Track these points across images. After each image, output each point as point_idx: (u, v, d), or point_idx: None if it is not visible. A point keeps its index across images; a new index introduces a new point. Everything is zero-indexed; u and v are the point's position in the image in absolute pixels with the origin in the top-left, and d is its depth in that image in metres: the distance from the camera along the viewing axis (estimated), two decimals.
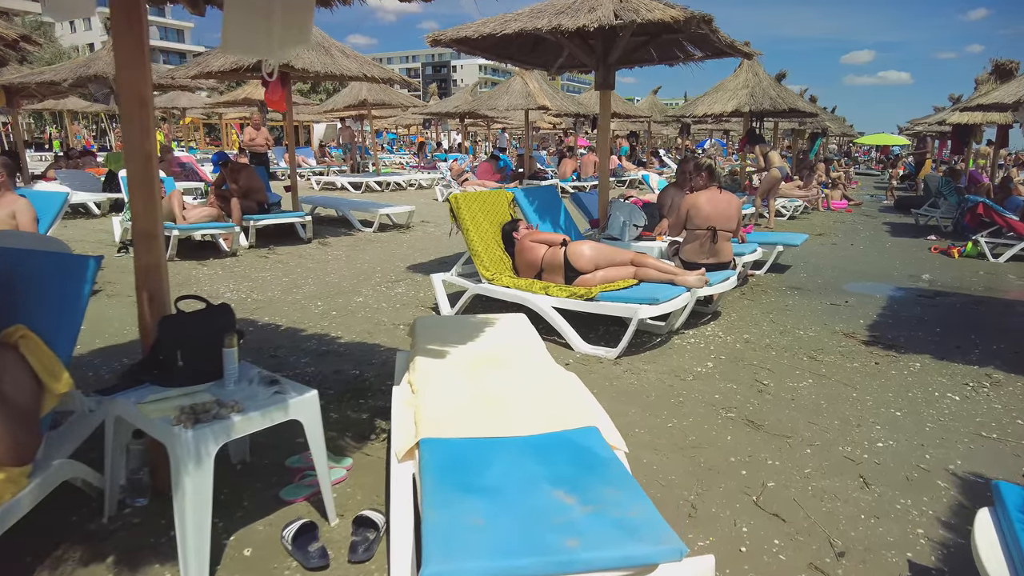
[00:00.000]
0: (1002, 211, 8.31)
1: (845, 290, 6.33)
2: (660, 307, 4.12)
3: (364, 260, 7.42)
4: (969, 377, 3.96)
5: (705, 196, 5.01)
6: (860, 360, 4.22)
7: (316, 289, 6.03)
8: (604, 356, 4.17)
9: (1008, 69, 13.23)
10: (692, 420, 3.26)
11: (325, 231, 9.43)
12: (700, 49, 6.54)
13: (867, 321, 5.20)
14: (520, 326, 3.39)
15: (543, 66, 7.24)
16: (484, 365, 2.84)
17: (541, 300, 4.47)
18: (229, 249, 7.57)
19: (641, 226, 6.05)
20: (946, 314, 5.51)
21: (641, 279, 4.66)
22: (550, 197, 5.93)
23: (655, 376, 3.86)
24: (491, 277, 4.80)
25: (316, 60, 7.58)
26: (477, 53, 6.17)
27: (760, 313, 5.37)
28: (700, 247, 5.04)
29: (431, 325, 3.43)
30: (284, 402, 2.18)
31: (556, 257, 4.67)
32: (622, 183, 18.07)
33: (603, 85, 6.07)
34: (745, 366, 4.08)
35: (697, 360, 4.18)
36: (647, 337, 4.61)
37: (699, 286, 4.46)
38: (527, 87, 13.55)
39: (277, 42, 2.33)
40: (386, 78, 8.29)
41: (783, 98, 10.96)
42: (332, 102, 16.59)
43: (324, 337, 4.62)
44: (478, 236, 4.94)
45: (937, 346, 4.57)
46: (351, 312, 5.25)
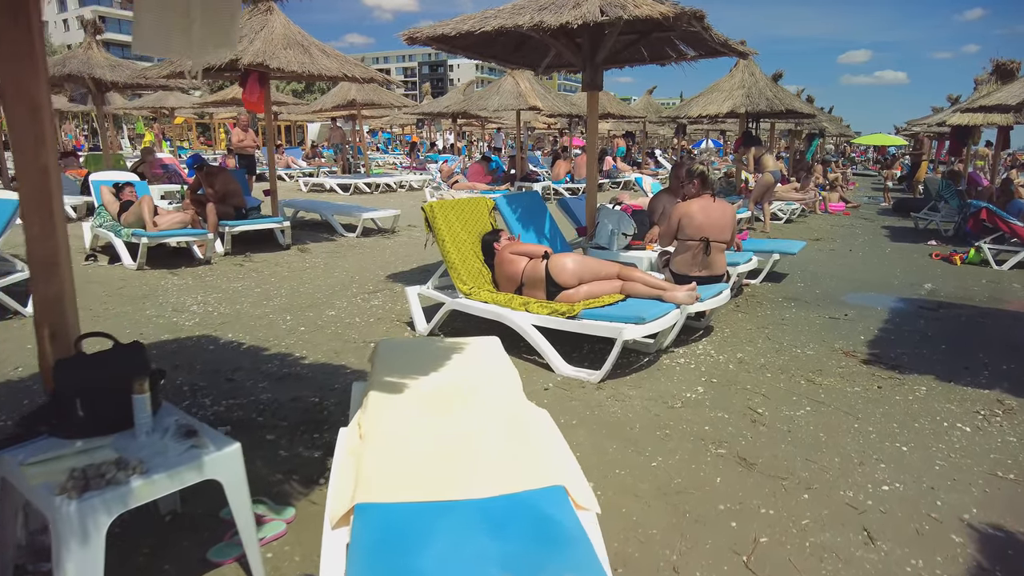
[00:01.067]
0: (1007, 217, 8.03)
1: (844, 301, 6.03)
2: (646, 327, 3.82)
3: (343, 268, 7.10)
4: (979, 403, 3.67)
5: (698, 205, 4.71)
6: (861, 383, 3.92)
7: (287, 301, 5.72)
8: (587, 379, 3.87)
9: (1009, 69, 12.98)
10: (679, 458, 2.96)
11: (306, 236, 9.11)
12: (693, 48, 6.25)
13: (868, 336, 4.91)
14: (491, 352, 3.09)
15: (530, 66, 6.94)
16: (445, 402, 2.53)
17: (520, 317, 4.17)
18: (203, 256, 7.26)
19: (630, 235, 5.75)
20: (951, 329, 5.22)
21: (628, 294, 4.36)
22: (534, 204, 5.63)
23: (641, 403, 3.56)
24: (469, 291, 4.50)
25: (294, 59, 7.27)
26: (459, 52, 5.87)
27: (755, 328, 5.07)
28: (692, 259, 4.74)
29: (392, 351, 3.12)
30: (199, 459, 1.87)
31: (537, 271, 4.37)
32: (616, 185, 17.79)
33: (590, 86, 5.77)
34: (738, 391, 3.78)
35: (687, 384, 3.88)
36: (634, 357, 4.31)
37: (689, 303, 4.16)
38: (518, 87, 13.24)
39: (196, 43, 2.02)
40: (368, 77, 7.97)
41: (780, 99, 10.67)
42: (320, 102, 16.27)
43: (287, 357, 4.31)
44: (455, 247, 4.63)
45: (943, 366, 4.27)
46: (320, 328, 4.94)
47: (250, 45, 7.04)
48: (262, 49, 7.01)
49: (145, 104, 20.64)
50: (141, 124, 33.45)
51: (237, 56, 6.76)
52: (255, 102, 7.96)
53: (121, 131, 37.96)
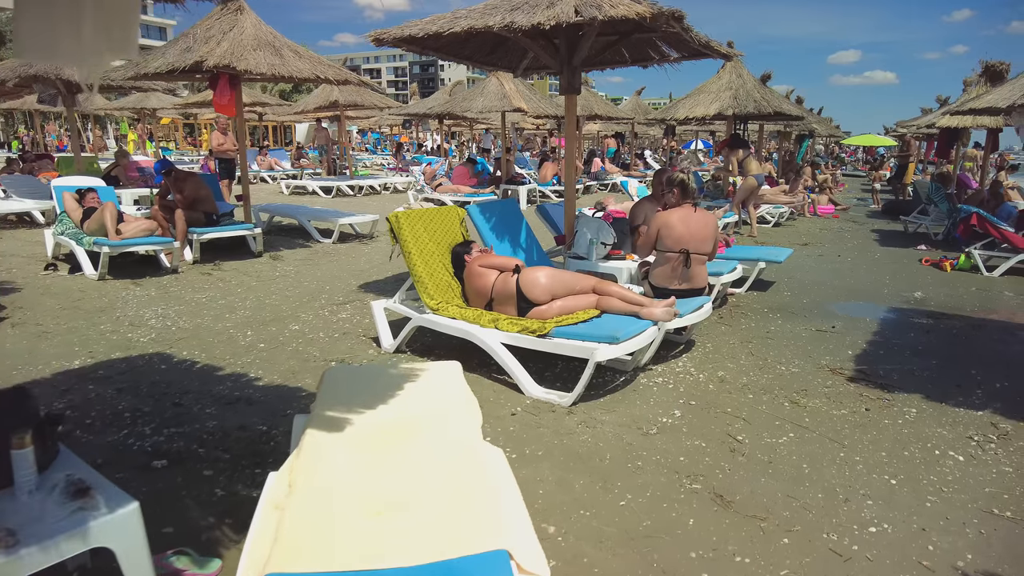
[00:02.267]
0: (997, 223, 7.86)
1: (832, 312, 5.83)
2: (621, 347, 3.59)
3: (314, 277, 6.85)
4: (973, 427, 3.45)
5: (677, 215, 4.49)
6: (848, 405, 3.70)
7: (251, 314, 5.46)
8: (557, 403, 3.63)
9: (999, 71, 12.83)
10: (650, 495, 2.72)
11: (281, 242, 8.84)
12: (676, 50, 6.04)
13: (856, 351, 4.70)
14: (447, 381, 2.85)
15: (507, 68, 6.70)
16: (388, 444, 2.30)
17: (489, 335, 3.93)
18: (170, 265, 6.98)
19: (609, 244, 5.52)
20: (942, 342, 5.02)
21: (604, 310, 4.13)
22: (509, 213, 5.39)
23: (613, 430, 3.33)
24: (436, 307, 4.25)
25: (263, 61, 7.00)
26: (431, 53, 5.62)
27: (738, 343, 4.85)
28: (672, 271, 4.52)
29: (339, 381, 2.88)
30: (84, 525, 1.63)
31: (507, 286, 4.13)
32: (604, 187, 17.58)
33: (568, 89, 5.54)
34: (717, 414, 3.55)
35: (664, 406, 3.65)
36: (610, 376, 4.08)
37: (667, 319, 3.93)
38: (503, 88, 12.99)
39: (88, 47, 1.76)
40: (342, 79, 7.71)
41: (768, 100, 10.48)
42: (303, 103, 15.97)
43: (241, 378, 4.06)
44: (422, 260, 4.38)
45: (934, 385, 4.06)
46: (281, 344, 4.69)
47: (217, 47, 6.77)
48: (229, 50, 6.74)
49: (126, 105, 20.26)
50: (126, 125, 33.05)
51: (203, 58, 6.49)
52: (226, 105, 7.68)
53: (107, 132, 37.53)
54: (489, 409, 3.56)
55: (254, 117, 24.46)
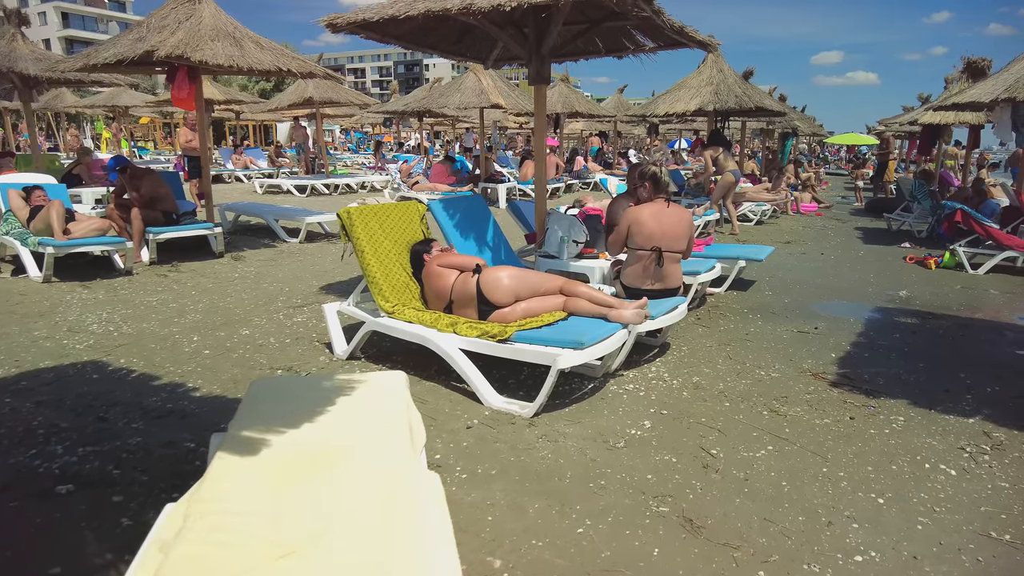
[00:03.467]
0: (982, 219, 7.68)
1: (814, 312, 5.59)
2: (586, 352, 3.30)
3: (275, 278, 6.51)
4: (964, 436, 3.21)
5: (649, 211, 4.21)
6: (832, 414, 3.44)
7: (202, 318, 5.12)
8: (519, 414, 3.34)
9: (980, 67, 12.71)
10: (612, 520, 2.44)
11: (246, 242, 8.49)
12: (652, 39, 5.77)
13: (839, 354, 4.45)
14: (387, 395, 2.55)
15: (477, 58, 6.41)
16: (308, 472, 1.99)
17: (446, 340, 3.63)
18: (124, 267, 6.62)
19: (581, 242, 5.24)
20: (928, 343, 4.78)
21: (571, 312, 3.85)
22: (475, 209, 5.09)
23: (576, 444, 3.04)
24: (391, 309, 3.95)
25: (221, 52, 6.65)
26: (391, 41, 5.31)
27: (716, 345, 4.59)
28: (643, 271, 4.24)
29: (264, 396, 2.56)
30: None
31: (467, 287, 3.84)
32: (587, 185, 17.34)
33: (537, 79, 5.25)
34: (691, 425, 3.28)
35: (633, 416, 3.37)
36: (577, 383, 3.80)
37: (637, 322, 3.65)
38: (480, 84, 12.69)
39: None
40: (306, 71, 7.36)
41: (749, 96, 10.26)
42: (277, 100, 15.57)
43: (178, 388, 3.73)
44: (376, 259, 4.08)
45: (922, 389, 3.82)
46: (227, 351, 4.36)
47: (171, 36, 6.41)
48: (184, 40, 6.38)
49: (96, 102, 19.74)
50: (101, 124, 32.41)
51: (154, 47, 6.14)
52: (184, 99, 7.32)
53: (83, 131, 36.79)
54: (443, 422, 3.27)
55: (231, 115, 24.04)
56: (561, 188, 16.05)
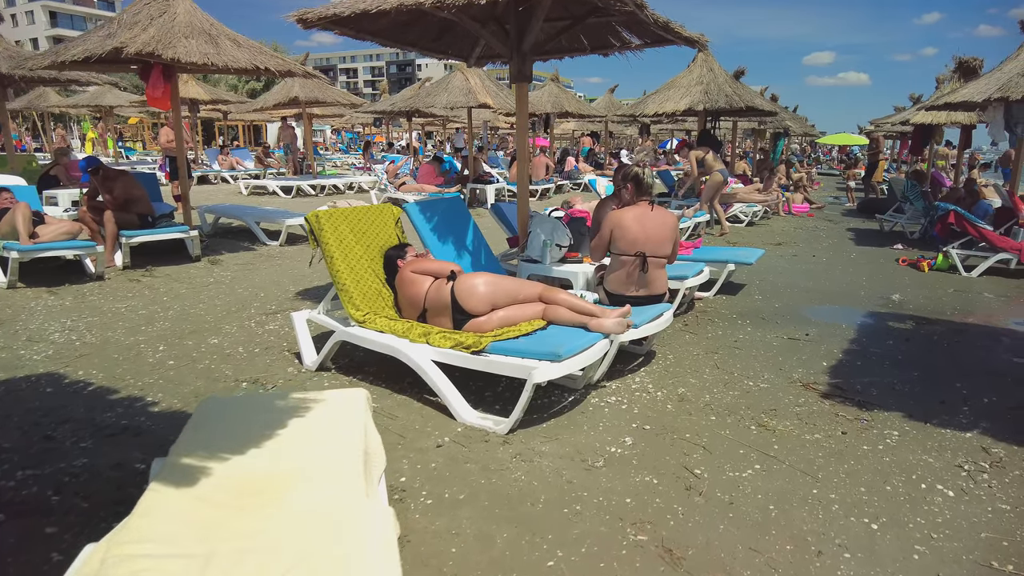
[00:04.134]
0: (975, 221, 7.54)
1: (806, 317, 5.43)
2: (564, 365, 3.12)
3: (251, 283, 6.31)
4: (962, 452, 3.04)
5: (632, 214, 4.04)
6: (823, 428, 3.28)
7: (171, 326, 4.92)
8: (493, 430, 3.16)
9: (972, 67, 12.61)
10: (585, 551, 2.26)
11: (225, 245, 8.28)
12: (637, 35, 5.60)
13: (831, 362, 4.29)
14: (344, 417, 2.36)
15: (459, 56, 6.22)
16: (246, 508, 1.81)
17: (417, 352, 3.44)
18: (95, 271, 6.39)
19: (565, 246, 5.07)
20: (922, 350, 4.63)
21: (550, 320, 3.67)
22: (454, 212, 4.90)
23: (552, 464, 2.86)
24: (362, 318, 3.76)
25: (195, 49, 6.43)
26: (368, 38, 5.12)
27: (703, 353, 4.42)
28: (627, 277, 4.07)
29: (211, 416, 2.38)
30: None
31: (441, 294, 3.65)
32: (577, 186, 17.19)
33: (518, 77, 5.07)
34: (675, 442, 3.10)
35: (614, 432, 3.19)
36: (557, 395, 3.62)
37: (619, 332, 3.48)
38: (468, 83, 12.50)
39: None
40: (284, 70, 7.15)
41: (740, 95, 10.11)
42: (262, 100, 15.33)
43: (137, 402, 3.54)
44: (346, 265, 3.89)
45: (917, 401, 3.66)
46: (193, 361, 4.16)
47: (142, 33, 6.20)
48: (155, 37, 6.17)
49: (80, 102, 19.43)
50: (88, 124, 32.07)
51: (123, 44, 5.92)
52: (159, 98, 7.09)
53: (71, 131, 36.37)
54: (412, 440, 3.08)
55: (219, 116, 23.75)
56: (551, 189, 15.88)
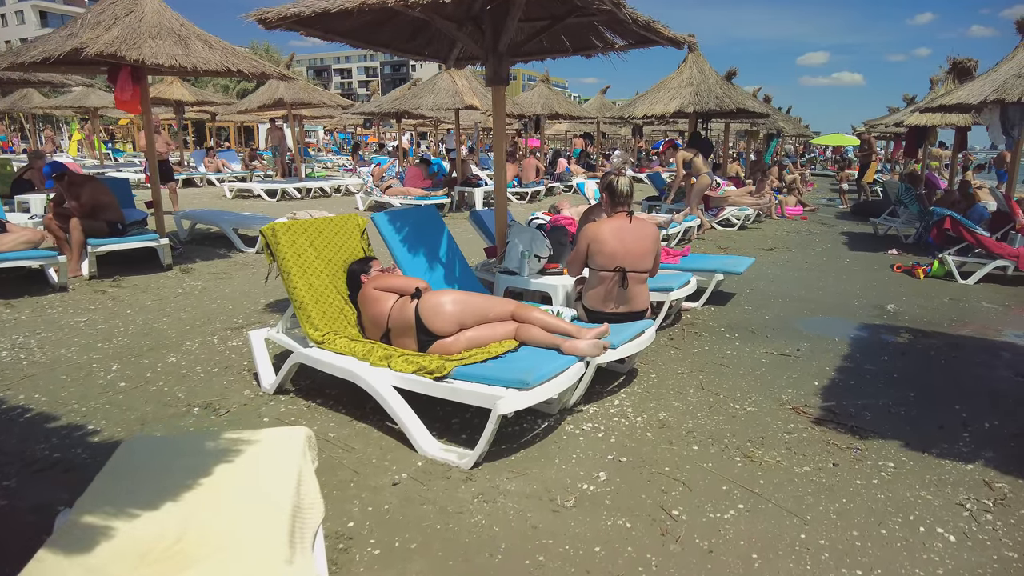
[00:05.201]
0: (972, 227, 7.34)
1: (797, 330, 5.20)
2: (532, 393, 2.88)
3: (222, 293, 6.04)
4: (963, 488, 2.81)
5: (610, 227, 3.79)
6: (813, 459, 3.04)
7: (128, 342, 4.66)
8: (456, 464, 2.91)
9: (966, 68, 12.44)
10: None
11: (200, 252, 8.01)
12: (621, 36, 5.36)
13: (822, 381, 4.06)
14: (275, 468, 2.11)
15: (436, 57, 5.97)
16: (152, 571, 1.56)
17: (377, 377, 3.19)
18: (58, 282, 6.12)
19: (544, 257, 4.82)
20: (919, 366, 4.40)
21: (522, 341, 3.43)
22: (427, 221, 4.65)
23: (517, 505, 2.62)
24: (321, 339, 3.51)
25: (162, 51, 6.17)
26: (336, 38, 4.87)
27: (688, 372, 4.18)
28: (606, 293, 3.82)
29: (132, 461, 2.12)
30: None
31: (404, 314, 3.40)
32: (568, 188, 16.95)
33: (494, 79, 4.83)
34: (652, 476, 2.86)
35: (588, 465, 2.95)
36: (529, 422, 3.38)
37: (594, 354, 3.24)
38: (455, 84, 12.25)
39: None
40: (257, 71, 6.89)
41: (731, 97, 9.89)
42: (247, 101, 15.04)
43: (76, 431, 3.28)
44: (305, 282, 3.63)
45: (914, 427, 3.43)
46: (146, 382, 3.91)
47: (105, 33, 5.94)
48: (119, 38, 5.91)
49: (63, 103, 19.10)
50: (76, 125, 31.73)
51: (83, 45, 5.65)
52: (128, 101, 6.83)
53: (60, 133, 35.97)
54: (367, 476, 2.83)
55: (208, 117, 23.42)
56: (542, 191, 15.65)
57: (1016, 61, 8.28)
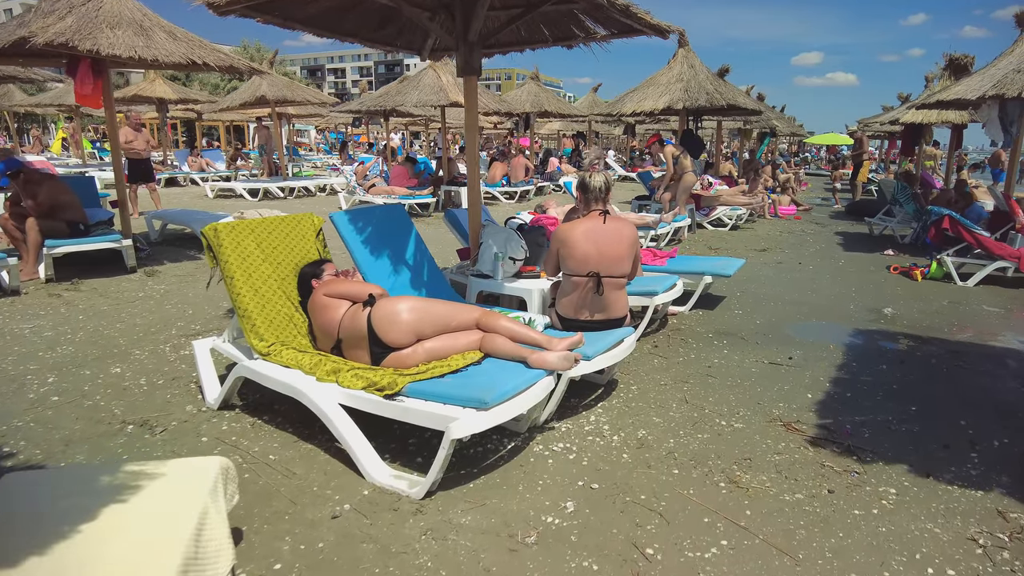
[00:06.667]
0: (971, 226, 7.05)
1: (789, 336, 4.90)
2: (491, 414, 2.56)
3: (184, 297, 5.72)
4: (974, 518, 2.51)
5: (581, 229, 3.48)
6: (805, 485, 2.74)
7: (74, 350, 4.33)
8: (406, 494, 2.60)
9: (963, 64, 12.20)
10: None
11: (169, 254, 7.68)
12: (603, 25, 5.06)
13: (816, 394, 3.76)
14: (172, 508, 1.79)
15: (410, 48, 5.66)
16: None
17: (322, 393, 2.87)
18: (9, 285, 5.79)
19: (520, 259, 4.51)
20: (919, 376, 4.10)
21: (487, 353, 3.12)
22: (393, 221, 4.34)
23: (471, 543, 2.30)
24: (266, 350, 3.19)
25: (121, 41, 5.84)
26: (296, 27, 4.55)
27: (672, 383, 3.88)
28: (580, 300, 3.51)
29: (8, 501, 1.81)
30: None
31: (356, 323, 3.09)
32: (558, 188, 16.65)
33: (465, 69, 4.51)
34: (626, 507, 2.55)
35: (555, 493, 2.64)
36: (495, 441, 3.07)
37: (564, 368, 2.93)
38: (439, 81, 11.93)
39: None
40: (225, 65, 6.55)
41: (722, 93, 9.59)
42: (229, 99, 14.68)
43: None
44: (249, 288, 3.31)
45: (916, 445, 3.13)
46: (83, 396, 3.58)
47: (58, 22, 5.60)
48: (73, 27, 5.58)
49: (42, 101, 18.69)
50: (61, 124, 31.28)
51: (32, 34, 5.32)
52: (89, 96, 6.48)
53: (49, 131, 35.48)
54: (305, 507, 2.51)
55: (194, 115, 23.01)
56: (531, 191, 15.35)
57: (1015, 55, 8.01)
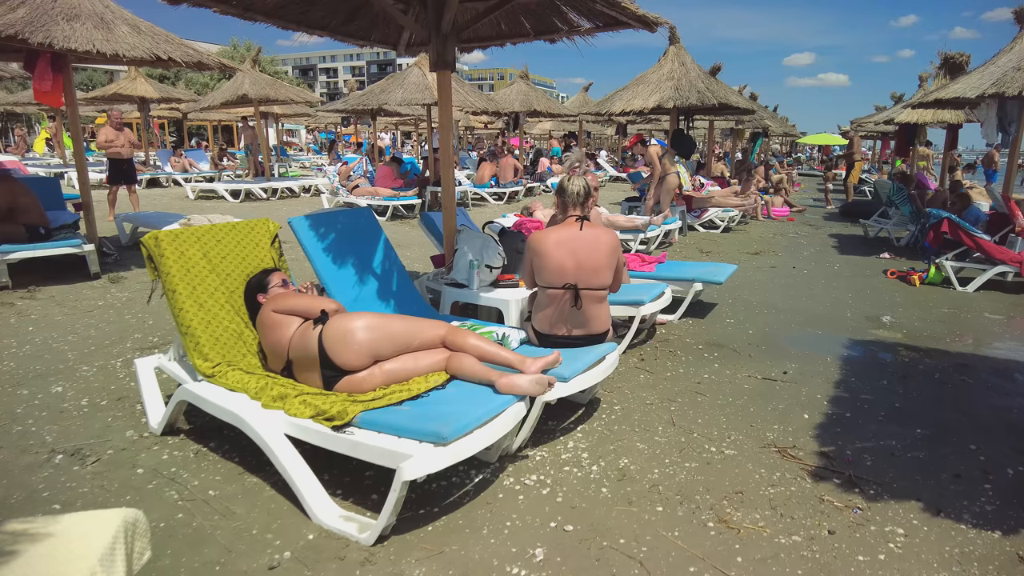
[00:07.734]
0: (971, 230, 6.80)
1: (784, 347, 4.63)
2: (450, 450, 2.27)
3: (145, 308, 5.39)
4: (993, 565, 2.23)
5: (555, 238, 3.18)
6: (803, 523, 2.45)
7: (15, 366, 4.02)
8: (356, 538, 2.30)
9: (958, 63, 11.99)
10: None
11: (138, 259, 7.32)
12: (586, 17, 4.78)
13: (814, 415, 3.48)
14: (70, 567, 1.49)
15: (385, 42, 5.36)
16: None
17: (265, 421, 2.57)
18: None
19: (497, 267, 4.22)
20: (924, 394, 3.83)
21: (453, 374, 2.82)
22: (359, 226, 4.03)
23: None
24: (211, 372, 2.89)
25: (78, 35, 5.52)
26: (257, 18, 4.24)
27: (658, 402, 3.59)
28: (557, 315, 3.22)
29: None
30: None
31: (306, 342, 2.78)
32: (548, 190, 16.39)
33: (438, 63, 4.22)
34: (603, 554, 2.26)
35: (522, 538, 2.35)
36: (460, 474, 2.77)
37: (537, 392, 2.64)
38: (424, 79, 11.63)
39: None
40: (194, 61, 6.24)
41: (713, 91, 9.32)
42: (210, 98, 14.32)
43: None
44: (193, 302, 3.01)
45: (925, 475, 2.85)
46: (12, 420, 3.27)
47: (9, 13, 5.27)
48: (24, 18, 5.25)
49: (20, 100, 18.29)
50: (45, 123, 30.76)
51: None
52: (49, 92, 6.16)
53: (34, 131, 34.93)
54: (239, 556, 2.21)
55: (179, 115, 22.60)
56: (520, 192, 15.06)
57: (1015, 53, 7.78)
